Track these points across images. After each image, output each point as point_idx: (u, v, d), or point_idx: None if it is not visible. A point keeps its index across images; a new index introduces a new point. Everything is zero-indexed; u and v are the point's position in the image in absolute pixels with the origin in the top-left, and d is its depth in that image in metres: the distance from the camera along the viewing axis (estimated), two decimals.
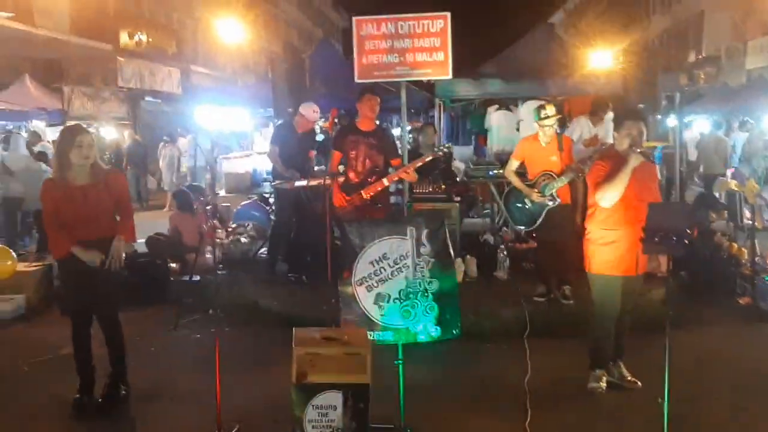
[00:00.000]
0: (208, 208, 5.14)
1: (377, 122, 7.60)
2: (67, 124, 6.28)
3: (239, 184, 10.87)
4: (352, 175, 7.15)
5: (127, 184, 5.67)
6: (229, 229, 8.23)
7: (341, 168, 7.24)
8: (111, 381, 5.37)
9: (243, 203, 10.41)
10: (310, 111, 8.34)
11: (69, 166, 5.02)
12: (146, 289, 8.12)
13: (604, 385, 5.42)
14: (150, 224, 10.10)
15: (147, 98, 24.35)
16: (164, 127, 18.91)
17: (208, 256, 8.48)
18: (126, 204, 5.43)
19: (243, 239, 9.43)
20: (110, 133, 19.65)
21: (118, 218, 5.31)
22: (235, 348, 6.33)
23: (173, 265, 8.65)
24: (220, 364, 4.68)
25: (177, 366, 6.34)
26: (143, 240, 8.81)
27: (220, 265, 8.75)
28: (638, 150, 5.05)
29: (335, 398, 3.88)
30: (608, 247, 5.24)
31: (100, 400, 5.31)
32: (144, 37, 24.15)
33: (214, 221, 5.14)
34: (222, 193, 11.90)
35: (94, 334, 5.43)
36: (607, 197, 5.10)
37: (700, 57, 31.73)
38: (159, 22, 26.71)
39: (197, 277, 7.88)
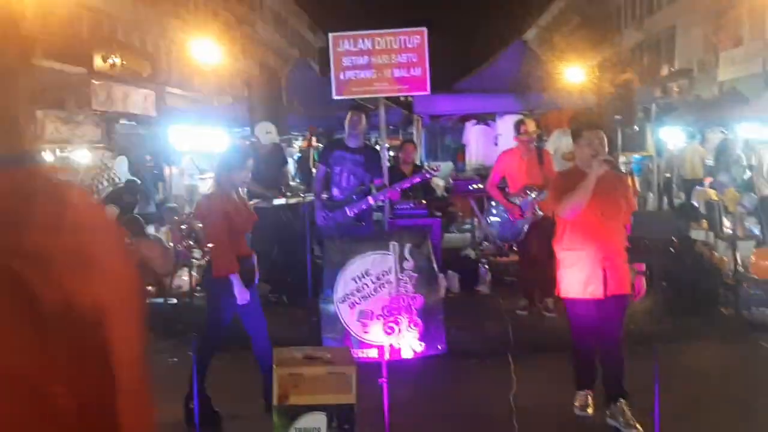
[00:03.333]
0: (183, 227, 5.01)
1: (366, 141, 7.56)
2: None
3: None
4: (336, 191, 7.10)
5: None
6: (206, 249, 8.04)
7: None
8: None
9: None
10: (263, 132, 8.19)
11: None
12: None
13: (590, 410, 5.16)
14: None
15: (122, 121, 24.14)
16: (140, 150, 18.65)
17: (184, 278, 8.30)
18: None
19: None
20: (85, 157, 19.39)
21: None
22: (214, 371, 6.20)
23: (149, 288, 8.47)
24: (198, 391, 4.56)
25: (154, 391, 6.16)
26: None
27: (198, 287, 8.58)
28: (602, 158, 4.78)
29: (319, 420, 3.75)
30: (571, 270, 4.97)
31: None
32: (118, 60, 23.97)
33: (189, 241, 5.01)
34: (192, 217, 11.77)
35: None
36: (569, 207, 4.82)
37: (672, 70, 32.18)
38: (133, 44, 26.57)
39: (174, 300, 7.71)
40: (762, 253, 7.51)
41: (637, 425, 4.82)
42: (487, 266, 8.27)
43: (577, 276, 4.91)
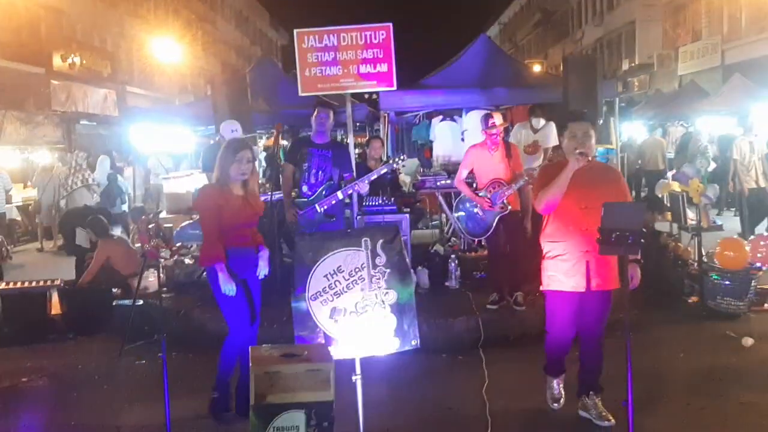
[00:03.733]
0: (151, 227, 4.92)
1: (332, 135, 7.51)
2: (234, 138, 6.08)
3: (181, 204, 10.57)
4: (305, 188, 7.06)
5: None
6: (173, 248, 7.96)
7: None
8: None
9: (184, 223, 10.11)
10: (228, 131, 8.05)
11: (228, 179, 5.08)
12: (88, 316, 7.83)
13: (561, 401, 5.19)
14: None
15: (82, 121, 23.77)
16: (100, 150, 18.30)
17: (151, 279, 8.18)
18: None
19: (187, 260, 9.14)
20: (44, 157, 19.03)
21: None
22: (184, 373, 6.12)
23: (115, 290, 8.32)
24: (169, 391, 4.48)
25: (123, 394, 6.06)
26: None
27: (164, 288, 8.45)
28: (579, 151, 4.64)
29: (298, 418, 3.70)
30: (554, 261, 4.87)
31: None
32: (77, 60, 23.62)
33: (158, 240, 4.93)
34: (163, 214, 11.58)
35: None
36: (543, 202, 4.76)
37: (633, 65, 32.63)
38: (92, 44, 26.14)
39: (141, 301, 7.59)
40: (726, 244, 7.62)
41: (610, 416, 4.86)
42: (456, 262, 8.27)
43: (560, 267, 4.82)
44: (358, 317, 4.30)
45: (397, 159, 7.61)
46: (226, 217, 4.98)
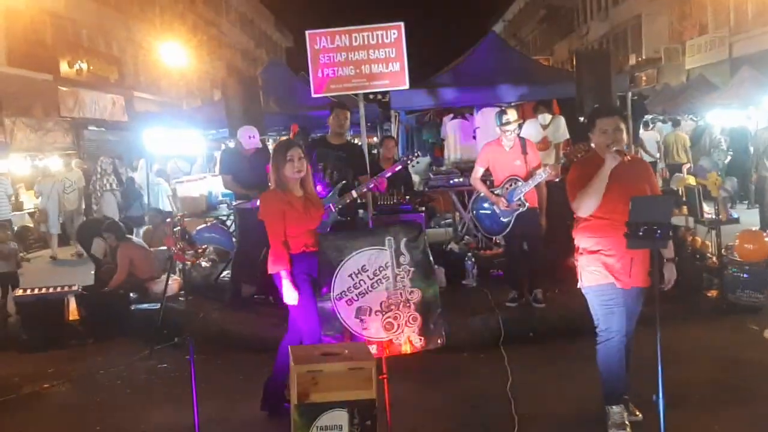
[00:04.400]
0: (176, 229, 4.92)
1: (348, 137, 7.51)
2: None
3: (195, 207, 10.60)
4: (318, 188, 7.05)
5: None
6: (200, 250, 8.00)
7: None
8: None
9: (200, 227, 10.13)
10: (245, 137, 7.96)
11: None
12: (106, 321, 7.85)
13: (628, 430, 4.64)
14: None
15: (91, 127, 23.82)
16: (110, 155, 18.36)
17: (169, 282, 8.19)
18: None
19: (204, 263, 9.17)
20: (56, 163, 19.11)
21: None
22: (206, 376, 6.11)
23: (133, 294, 8.34)
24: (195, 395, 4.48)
25: (147, 398, 6.06)
26: None
27: (182, 291, 8.47)
28: (615, 148, 4.42)
29: (341, 417, 3.67)
30: (596, 256, 4.60)
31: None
32: (84, 66, 23.69)
33: (183, 243, 4.92)
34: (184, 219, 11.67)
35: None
36: (583, 206, 4.54)
37: (640, 60, 32.50)
38: (99, 49, 26.20)
39: (158, 305, 7.60)
40: (745, 236, 7.57)
41: (638, 412, 4.83)
42: (473, 260, 8.26)
43: (605, 262, 4.57)
44: (384, 316, 4.30)
45: (411, 156, 7.58)
46: (291, 222, 4.86)
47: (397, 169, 7.29)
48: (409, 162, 7.57)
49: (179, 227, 5.40)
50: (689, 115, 19.79)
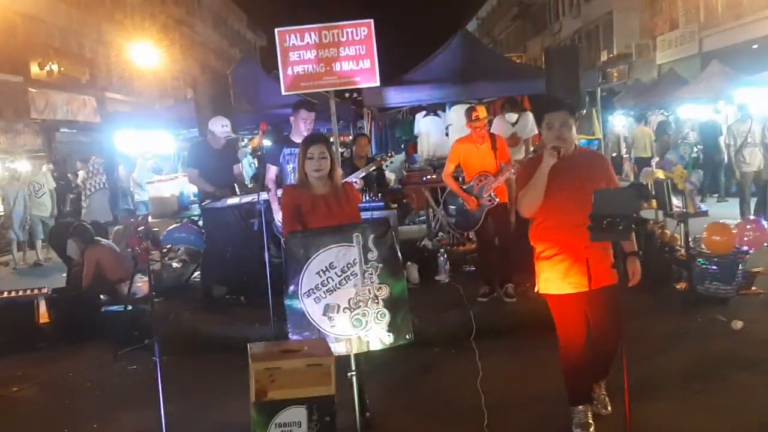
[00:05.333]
0: (140, 229, 4.87)
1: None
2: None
3: (166, 208, 10.50)
4: None
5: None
6: (163, 251, 7.92)
7: None
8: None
9: (171, 227, 10.03)
10: (218, 126, 7.77)
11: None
12: (76, 324, 7.77)
13: (591, 429, 4.55)
14: None
15: (62, 129, 23.58)
16: (81, 157, 18.17)
17: (140, 284, 8.11)
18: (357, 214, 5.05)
19: (175, 264, 9.09)
20: (24, 166, 18.85)
21: None
22: (176, 377, 6.07)
23: (103, 296, 8.25)
24: (163, 396, 4.45)
25: (116, 400, 6.01)
26: None
27: (153, 293, 8.37)
28: (551, 145, 4.25)
29: (299, 414, 3.66)
30: (549, 262, 4.47)
31: None
32: (55, 67, 23.44)
33: (147, 242, 4.87)
34: (149, 218, 11.52)
35: None
36: (523, 206, 4.42)
37: (611, 56, 32.77)
38: (70, 50, 25.92)
39: (130, 307, 7.53)
40: (713, 228, 7.65)
41: (609, 407, 4.86)
42: (445, 256, 8.28)
43: (558, 268, 4.42)
44: (352, 313, 4.28)
45: (385, 156, 7.57)
46: (309, 219, 4.72)
47: (372, 169, 7.27)
48: (383, 163, 7.56)
49: (143, 227, 5.34)
50: (660, 110, 20.00)
